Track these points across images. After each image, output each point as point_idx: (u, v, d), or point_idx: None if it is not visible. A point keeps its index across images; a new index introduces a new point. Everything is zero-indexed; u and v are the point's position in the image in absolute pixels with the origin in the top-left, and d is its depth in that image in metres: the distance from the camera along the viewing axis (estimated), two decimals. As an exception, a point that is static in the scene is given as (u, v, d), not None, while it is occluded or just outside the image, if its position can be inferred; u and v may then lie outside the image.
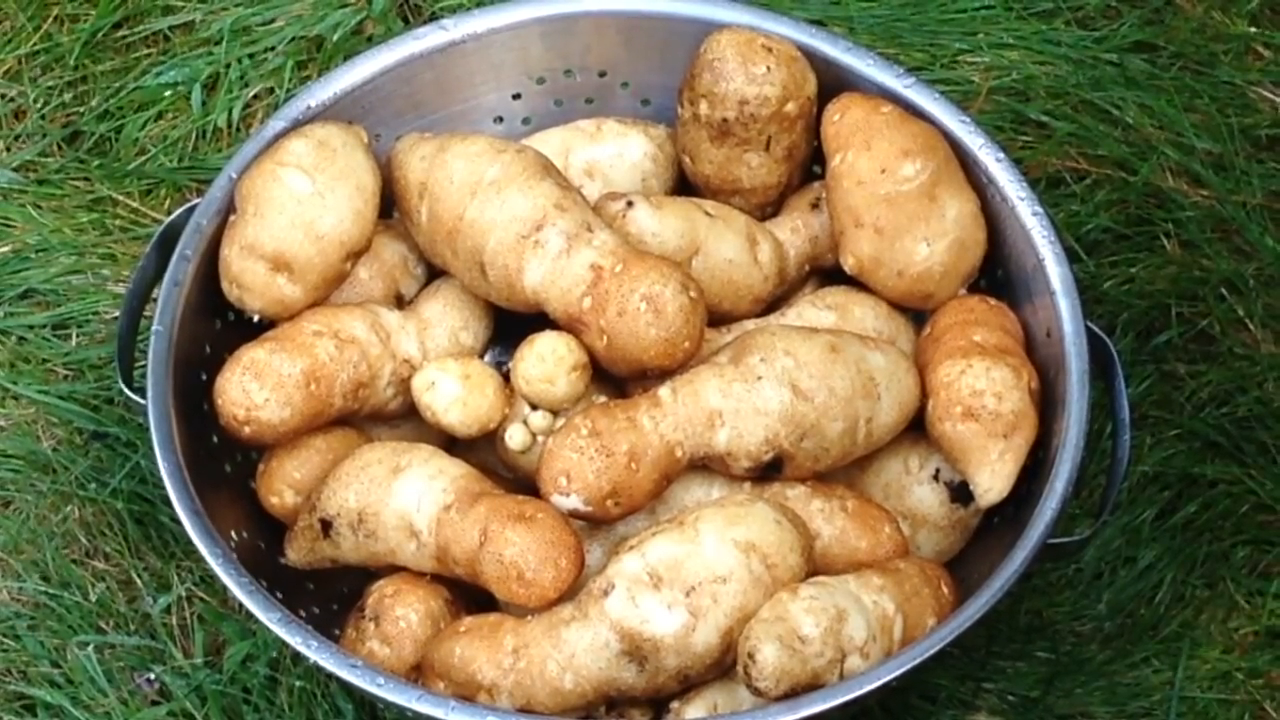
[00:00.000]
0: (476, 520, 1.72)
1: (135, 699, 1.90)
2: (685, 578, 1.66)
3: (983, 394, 1.77)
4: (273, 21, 2.28)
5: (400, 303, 1.90)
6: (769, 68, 1.86)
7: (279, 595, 1.74)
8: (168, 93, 2.25)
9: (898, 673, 1.65)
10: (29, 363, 2.09)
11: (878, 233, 1.85)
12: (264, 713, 1.88)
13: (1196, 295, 2.09)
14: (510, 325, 1.88)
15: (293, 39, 2.26)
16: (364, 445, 1.82)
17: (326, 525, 1.79)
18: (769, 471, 1.77)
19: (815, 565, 1.73)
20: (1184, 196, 2.15)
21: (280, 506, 1.84)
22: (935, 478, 1.83)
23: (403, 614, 1.76)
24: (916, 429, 1.82)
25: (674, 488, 1.78)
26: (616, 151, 1.95)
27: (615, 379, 1.82)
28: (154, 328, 1.81)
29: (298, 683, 1.89)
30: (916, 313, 1.91)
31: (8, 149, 2.23)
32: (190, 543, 1.73)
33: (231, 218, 1.85)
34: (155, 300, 1.84)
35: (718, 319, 1.87)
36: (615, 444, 1.72)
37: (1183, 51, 2.24)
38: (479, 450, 1.86)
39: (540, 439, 1.80)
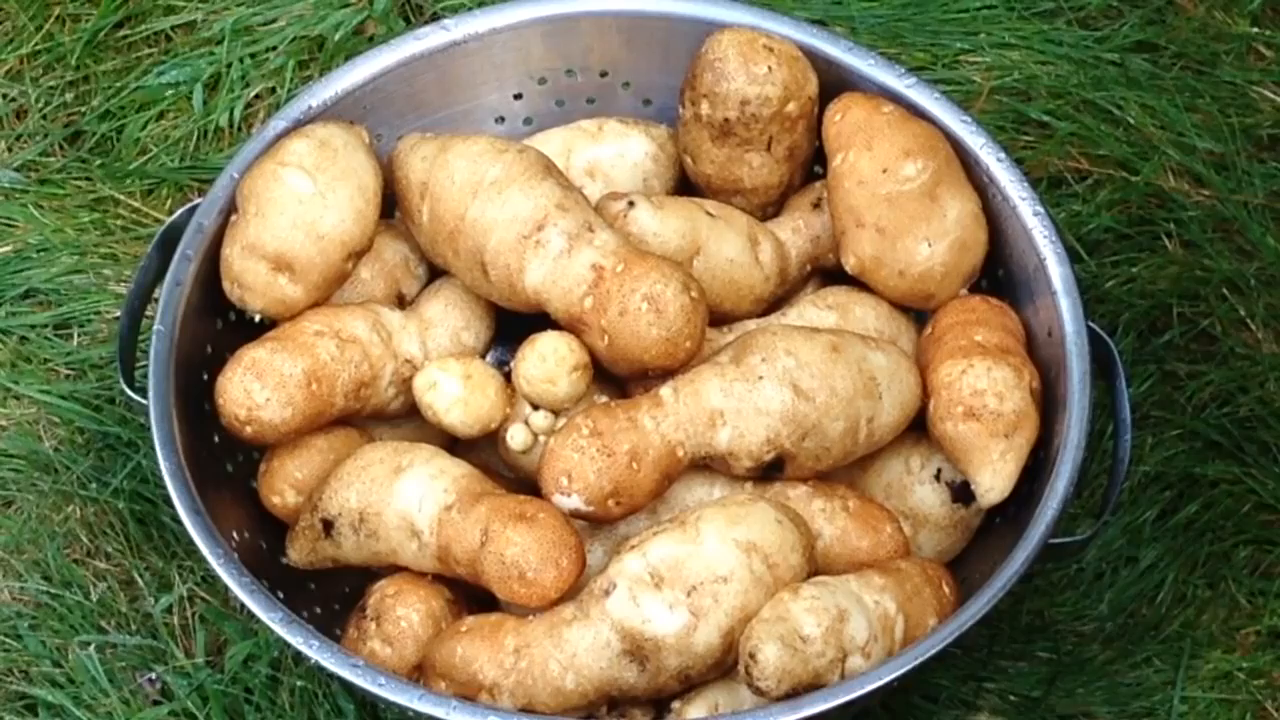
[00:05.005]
0: (478, 520, 1.72)
1: (137, 699, 1.90)
2: (686, 577, 1.66)
3: (984, 394, 1.77)
4: (274, 21, 2.28)
5: (402, 303, 1.90)
6: (770, 68, 1.86)
7: (280, 595, 1.74)
8: (169, 92, 2.25)
9: (899, 673, 1.65)
10: (30, 362, 2.09)
11: (879, 233, 1.85)
12: (265, 713, 1.88)
13: (1198, 295, 2.09)
14: (512, 325, 1.88)
15: (294, 39, 2.26)
16: (365, 445, 1.82)
17: (328, 525, 1.79)
18: (770, 471, 1.77)
19: (816, 565, 1.73)
20: (1185, 196, 2.15)
21: (282, 506, 1.84)
22: (937, 477, 1.83)
23: (404, 614, 1.76)
24: (918, 429, 1.82)
25: (675, 487, 1.78)
26: (618, 151, 1.95)
27: (617, 379, 1.82)
28: (155, 327, 1.81)
29: (299, 683, 1.89)
30: (918, 312, 1.91)
31: (9, 149, 2.23)
32: (192, 542, 1.73)
33: (233, 218, 1.85)
34: (157, 300, 1.84)
35: (719, 319, 1.87)
36: (616, 444, 1.72)
37: (1184, 51, 2.24)
38: (480, 450, 1.86)
39: (541, 439, 1.80)
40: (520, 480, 1.83)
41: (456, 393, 1.80)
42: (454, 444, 1.85)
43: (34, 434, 2.05)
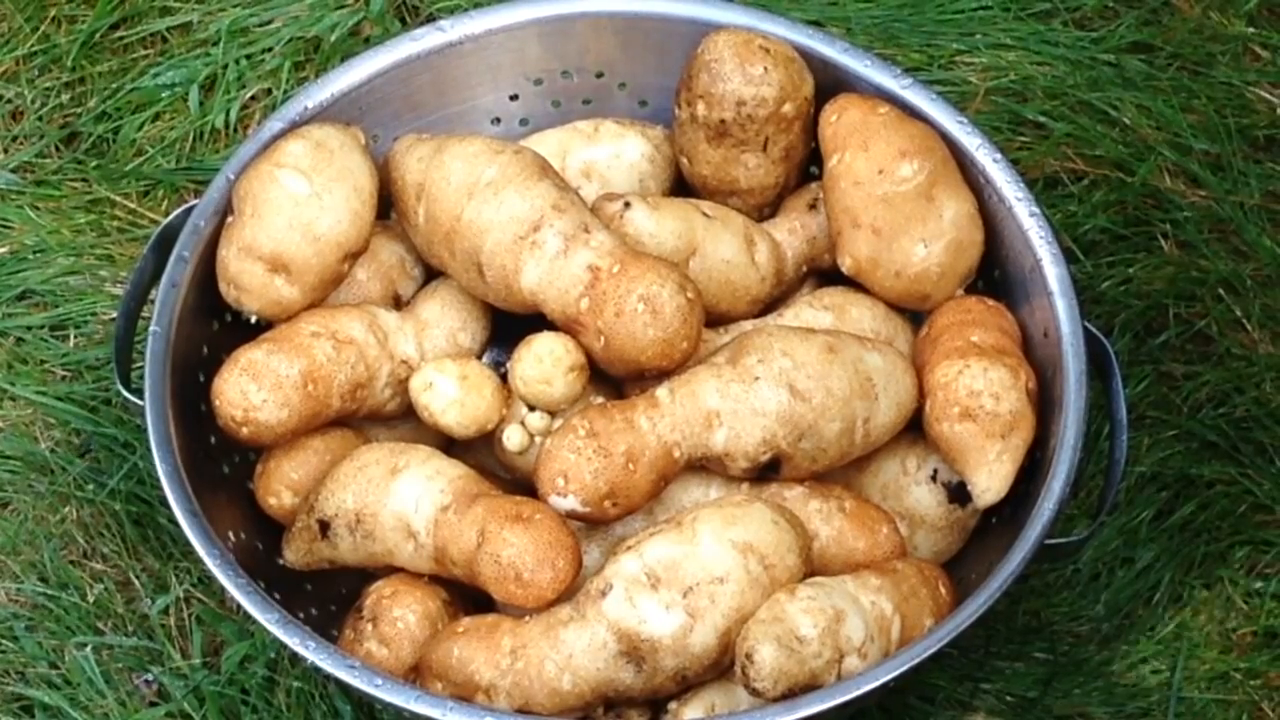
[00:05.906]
0: (474, 521, 1.72)
1: (133, 700, 1.90)
2: (683, 578, 1.66)
3: (980, 394, 1.77)
4: (270, 22, 2.28)
5: (398, 304, 1.90)
6: (766, 68, 1.86)
7: (277, 596, 1.74)
8: (165, 94, 2.25)
9: (895, 673, 1.65)
10: (27, 364, 2.09)
11: (875, 233, 1.85)
12: (262, 713, 1.88)
13: (1194, 296, 2.09)
14: (508, 326, 1.88)
15: (290, 40, 2.26)
16: (362, 446, 1.82)
17: (324, 526, 1.79)
18: (767, 472, 1.77)
19: (813, 566, 1.73)
20: (1181, 197, 2.15)
21: (278, 507, 1.84)
22: (933, 478, 1.83)
23: (400, 615, 1.76)
24: (914, 429, 1.82)
25: (672, 488, 1.78)
26: (614, 152, 1.95)
27: (613, 380, 1.82)
28: (152, 329, 1.81)
29: (296, 684, 1.89)
30: (914, 313, 1.91)
31: (5, 150, 2.23)
32: (188, 544, 1.73)
33: (229, 219, 1.85)
34: (153, 301, 1.84)
35: (715, 320, 1.87)
36: (613, 445, 1.72)
37: (1180, 52, 2.24)
38: (477, 451, 1.86)
39: (538, 440, 1.80)
40: (517, 481, 1.83)
41: (453, 394, 1.80)
42: (450, 445, 1.85)
43: (30, 435, 2.04)
